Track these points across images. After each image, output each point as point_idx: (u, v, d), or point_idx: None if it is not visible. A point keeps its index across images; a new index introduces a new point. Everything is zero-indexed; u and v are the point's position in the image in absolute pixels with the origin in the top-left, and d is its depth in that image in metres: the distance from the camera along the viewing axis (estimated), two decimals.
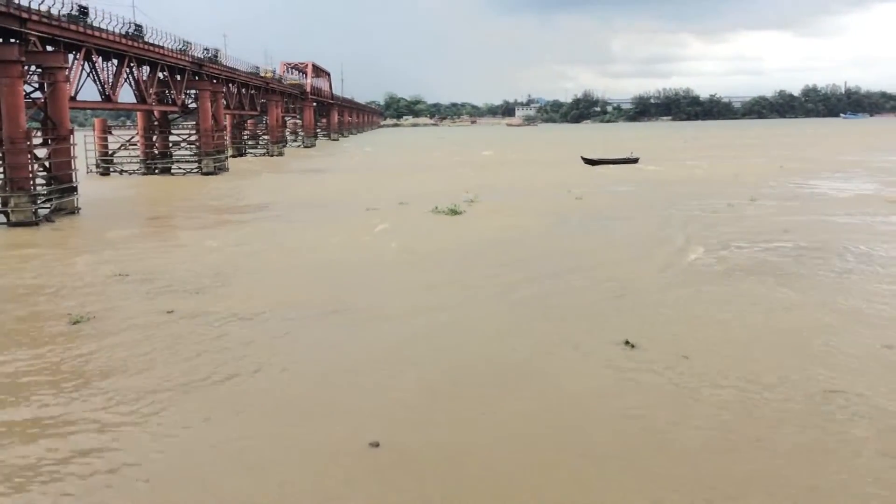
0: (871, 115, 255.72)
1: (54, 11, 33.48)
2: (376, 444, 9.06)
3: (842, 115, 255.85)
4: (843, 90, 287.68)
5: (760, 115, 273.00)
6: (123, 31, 41.99)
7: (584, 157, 59.32)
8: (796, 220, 27.04)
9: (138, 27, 44.09)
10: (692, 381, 11.14)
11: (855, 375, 11.27)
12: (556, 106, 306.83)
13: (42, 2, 32.39)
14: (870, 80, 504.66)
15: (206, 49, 57.39)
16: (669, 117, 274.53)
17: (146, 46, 46.05)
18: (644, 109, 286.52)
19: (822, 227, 25.34)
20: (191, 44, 53.24)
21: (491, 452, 9.00)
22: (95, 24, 38.36)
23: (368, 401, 10.65)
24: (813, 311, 14.83)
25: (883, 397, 10.35)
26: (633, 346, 12.60)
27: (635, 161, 57.98)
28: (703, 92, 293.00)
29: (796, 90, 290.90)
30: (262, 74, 78.90)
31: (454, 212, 30.09)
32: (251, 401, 10.78)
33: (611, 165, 56.55)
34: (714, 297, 16.03)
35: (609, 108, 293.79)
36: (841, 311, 14.72)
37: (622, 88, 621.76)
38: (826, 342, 12.77)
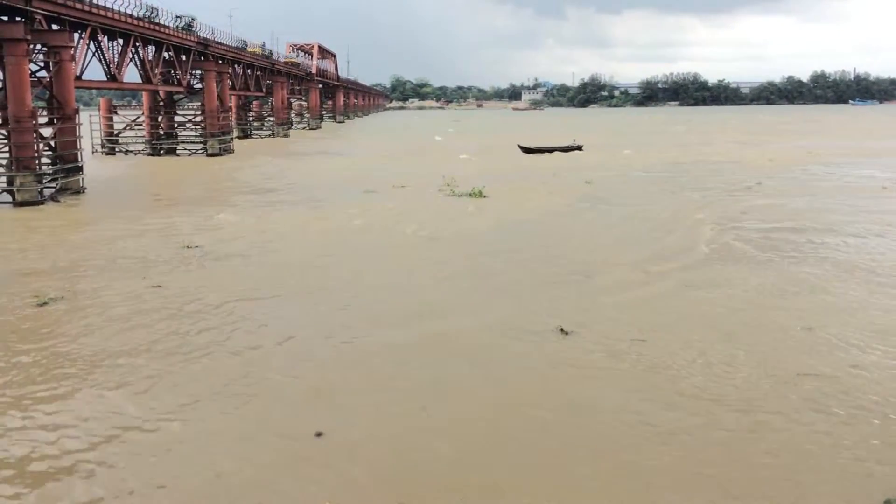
0: (881, 102, 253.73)
1: None
2: (320, 434, 8.89)
3: (851, 101, 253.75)
4: (852, 76, 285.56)
5: (769, 101, 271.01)
6: None
7: (521, 144, 54.73)
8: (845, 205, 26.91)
9: None
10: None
11: (825, 358, 11.25)
12: (563, 90, 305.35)
13: None
14: (878, 67, 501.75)
15: (177, 17, 52.50)
16: (677, 102, 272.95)
17: (152, 26, 45.66)
18: (651, 94, 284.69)
19: (869, 217, 24.42)
20: (156, 9, 47.65)
21: (441, 443, 8.80)
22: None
23: (317, 389, 10.41)
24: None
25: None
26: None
27: (579, 149, 54.43)
28: (709, 77, 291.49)
29: (803, 76, 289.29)
30: (250, 50, 76.11)
31: (479, 195, 29.69)
32: (195, 385, 10.51)
33: (563, 154, 52.36)
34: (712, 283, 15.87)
35: (616, 93, 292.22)
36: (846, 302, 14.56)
37: (628, 73, 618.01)
38: None
